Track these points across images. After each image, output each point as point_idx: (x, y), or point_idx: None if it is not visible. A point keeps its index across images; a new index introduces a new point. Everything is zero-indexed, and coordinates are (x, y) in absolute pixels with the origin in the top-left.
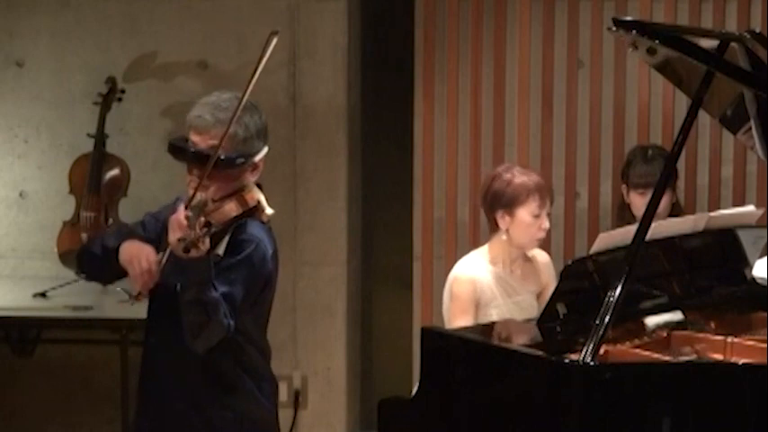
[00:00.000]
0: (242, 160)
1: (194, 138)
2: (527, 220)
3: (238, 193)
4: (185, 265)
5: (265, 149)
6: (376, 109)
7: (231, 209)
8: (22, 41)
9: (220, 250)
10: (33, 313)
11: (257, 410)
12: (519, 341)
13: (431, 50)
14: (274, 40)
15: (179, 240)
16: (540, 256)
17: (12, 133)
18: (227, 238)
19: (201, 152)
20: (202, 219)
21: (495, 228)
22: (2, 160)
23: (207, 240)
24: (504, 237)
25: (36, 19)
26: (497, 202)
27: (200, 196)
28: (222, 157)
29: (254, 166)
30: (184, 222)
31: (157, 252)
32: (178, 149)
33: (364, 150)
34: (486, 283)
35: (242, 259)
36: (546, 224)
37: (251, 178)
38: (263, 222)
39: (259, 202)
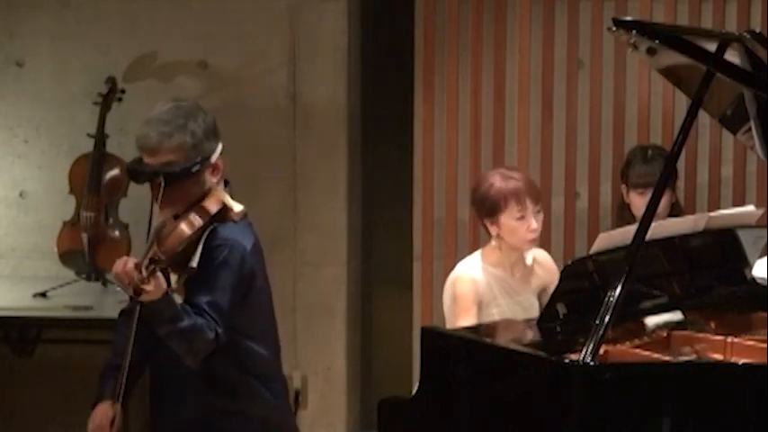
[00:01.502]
0: (197, 167)
1: (147, 159)
2: (512, 225)
3: (199, 204)
4: (147, 310)
5: (219, 147)
6: (376, 109)
7: (184, 231)
8: (22, 42)
9: (194, 262)
10: (33, 313)
11: (266, 412)
12: (519, 341)
13: (431, 50)
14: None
15: (128, 285)
16: (540, 255)
17: (12, 133)
18: (200, 249)
19: (157, 172)
20: (150, 254)
21: (488, 233)
22: (2, 160)
23: (157, 277)
24: (493, 243)
25: (36, 19)
26: (481, 210)
27: (157, 219)
28: (176, 171)
29: (214, 167)
30: (129, 268)
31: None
32: (134, 173)
33: (364, 150)
34: (486, 283)
35: (219, 264)
36: (533, 224)
37: (213, 179)
38: (234, 221)
39: (224, 204)
